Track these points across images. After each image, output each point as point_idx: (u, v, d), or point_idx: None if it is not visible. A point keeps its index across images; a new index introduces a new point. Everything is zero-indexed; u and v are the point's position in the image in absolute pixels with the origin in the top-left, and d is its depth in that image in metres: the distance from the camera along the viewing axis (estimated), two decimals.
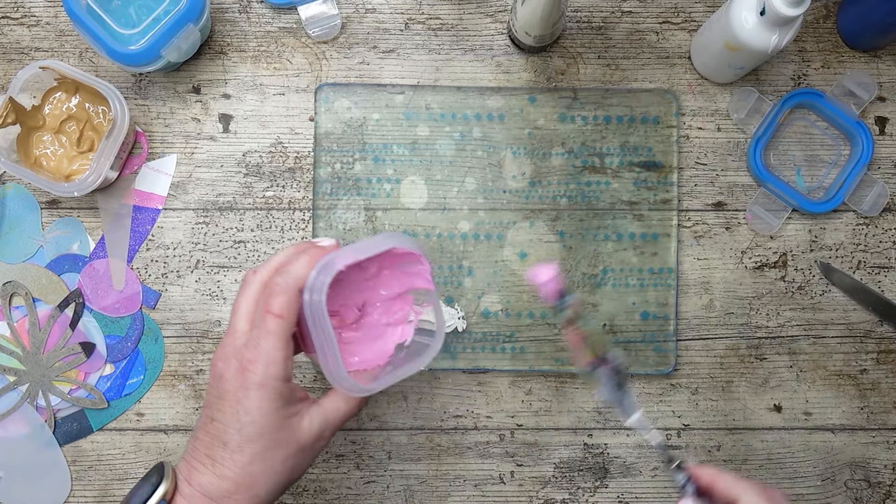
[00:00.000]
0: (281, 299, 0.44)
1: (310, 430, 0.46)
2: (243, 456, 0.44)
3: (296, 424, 0.45)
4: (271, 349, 0.44)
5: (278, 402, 0.44)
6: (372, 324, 0.54)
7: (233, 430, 0.44)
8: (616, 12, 0.66)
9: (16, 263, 0.64)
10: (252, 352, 0.44)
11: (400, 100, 0.64)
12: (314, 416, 0.46)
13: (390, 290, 0.54)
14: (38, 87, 0.61)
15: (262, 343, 0.44)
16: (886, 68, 0.66)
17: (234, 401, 0.44)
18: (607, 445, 0.64)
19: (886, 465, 0.65)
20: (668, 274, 0.64)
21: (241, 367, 0.44)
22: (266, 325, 0.44)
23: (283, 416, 0.45)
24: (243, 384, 0.44)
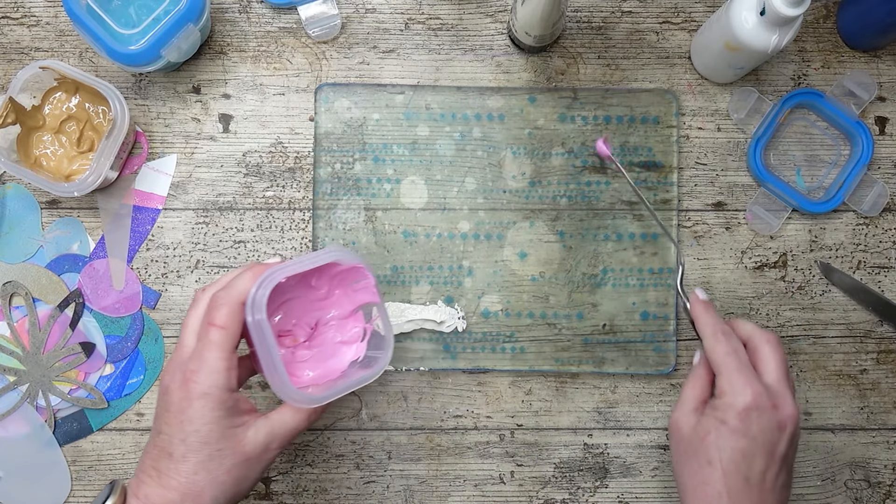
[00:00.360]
0: (223, 311, 0.46)
1: (255, 441, 0.46)
2: (187, 465, 0.45)
3: (241, 435, 0.46)
4: (213, 359, 0.45)
5: (221, 411, 0.45)
6: (326, 342, 0.55)
7: (177, 440, 0.45)
8: (616, 12, 0.66)
9: (16, 263, 0.64)
10: (195, 363, 0.45)
11: (400, 100, 0.64)
12: (260, 428, 0.47)
13: (342, 310, 0.56)
14: (38, 87, 0.61)
15: (205, 354, 0.45)
16: (886, 68, 0.66)
17: (178, 411, 0.45)
18: (607, 445, 0.64)
19: (886, 465, 0.65)
20: (668, 274, 0.64)
21: (184, 378, 0.45)
22: (208, 337, 0.46)
23: (226, 426, 0.45)
24: (187, 395, 0.45)
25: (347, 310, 0.56)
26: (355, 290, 0.55)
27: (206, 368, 0.45)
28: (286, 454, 0.64)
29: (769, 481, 0.49)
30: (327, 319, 0.56)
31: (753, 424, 0.49)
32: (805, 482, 0.65)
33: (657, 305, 0.64)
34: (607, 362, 0.64)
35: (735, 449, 0.49)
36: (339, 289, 0.56)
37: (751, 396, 0.49)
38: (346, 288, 0.55)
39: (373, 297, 0.54)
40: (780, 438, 0.49)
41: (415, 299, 0.64)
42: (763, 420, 0.49)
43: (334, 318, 0.56)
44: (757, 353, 0.52)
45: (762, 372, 0.51)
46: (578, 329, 0.64)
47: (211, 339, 0.46)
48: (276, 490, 0.64)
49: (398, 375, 0.64)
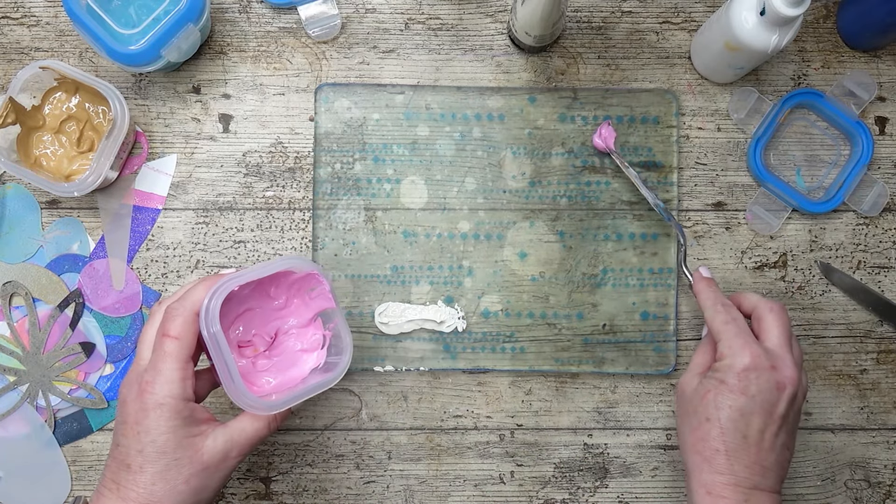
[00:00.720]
0: (177, 322, 0.46)
1: (213, 449, 0.47)
2: (145, 476, 0.45)
3: (199, 444, 0.46)
4: (168, 370, 0.46)
5: (177, 420, 0.46)
6: (286, 351, 0.56)
7: (134, 451, 0.45)
8: (616, 12, 0.66)
9: (16, 263, 0.64)
10: (150, 374, 0.46)
11: (400, 100, 0.64)
12: (218, 436, 0.47)
13: (301, 318, 0.56)
14: (38, 87, 0.61)
15: (160, 365, 0.46)
16: (886, 68, 0.66)
17: (134, 423, 0.46)
18: (607, 445, 0.64)
19: (886, 465, 0.65)
20: (668, 274, 0.64)
21: (140, 389, 0.46)
22: (163, 348, 0.46)
23: (183, 435, 0.46)
24: (143, 406, 0.46)
25: (306, 318, 0.57)
26: (312, 297, 0.56)
27: (162, 379, 0.46)
28: (286, 454, 0.64)
29: (768, 440, 0.50)
30: (287, 328, 0.57)
31: (752, 384, 0.50)
32: (805, 482, 0.65)
33: (657, 305, 0.64)
34: (607, 362, 0.64)
35: (733, 407, 0.50)
36: (298, 297, 0.57)
37: (749, 358, 0.50)
38: (304, 296, 0.56)
39: (328, 303, 0.55)
40: (780, 399, 0.50)
41: (415, 299, 0.64)
42: (762, 380, 0.50)
43: (294, 327, 0.57)
44: (761, 322, 0.53)
45: (764, 339, 0.52)
46: (578, 329, 0.64)
47: (165, 350, 0.46)
48: (276, 490, 0.64)
49: (398, 375, 0.64)
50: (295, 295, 0.56)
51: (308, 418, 0.64)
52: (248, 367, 0.55)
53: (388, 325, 0.63)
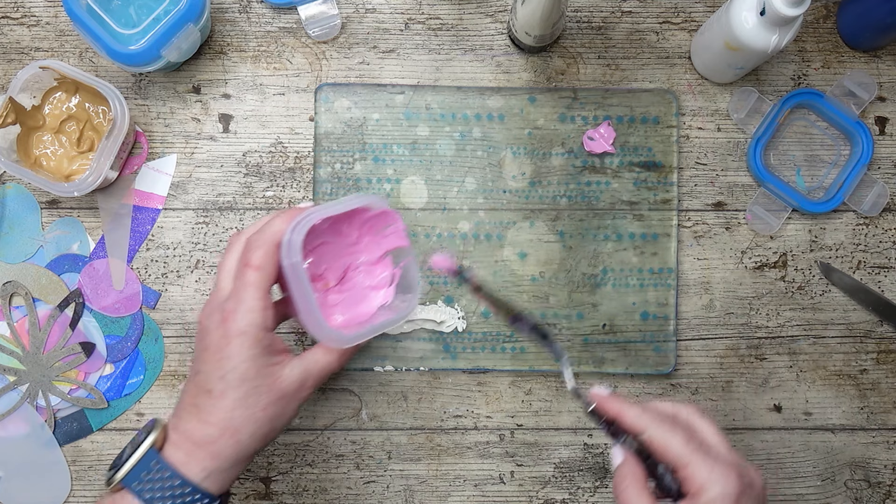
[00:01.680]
0: (258, 253, 0.47)
1: (290, 378, 0.47)
2: (226, 402, 0.46)
3: (277, 372, 0.47)
4: (250, 299, 0.46)
5: (258, 349, 0.46)
6: (355, 287, 0.56)
7: (216, 377, 0.46)
8: (616, 12, 0.66)
9: (16, 263, 0.64)
10: (232, 303, 0.46)
11: (400, 100, 0.64)
12: (295, 366, 0.48)
13: (371, 255, 0.56)
14: (38, 87, 0.61)
15: (242, 294, 0.46)
16: (886, 68, 0.66)
17: (216, 350, 0.46)
18: (607, 445, 0.64)
19: (886, 465, 0.65)
20: (668, 274, 0.64)
21: (223, 318, 0.46)
22: (245, 278, 0.47)
23: (262, 364, 0.46)
24: (225, 333, 0.46)
25: (376, 255, 0.56)
26: (384, 235, 0.55)
27: (244, 308, 0.46)
28: (286, 454, 0.64)
29: None
30: (357, 265, 0.56)
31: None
32: (805, 482, 0.65)
33: (657, 305, 0.64)
34: (607, 362, 0.64)
35: None
36: (369, 235, 0.55)
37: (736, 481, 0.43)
38: (376, 234, 0.55)
39: (401, 241, 0.54)
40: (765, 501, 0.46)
41: None
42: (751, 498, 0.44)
43: (364, 264, 0.56)
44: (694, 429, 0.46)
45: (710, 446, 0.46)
46: (578, 329, 0.64)
47: (247, 280, 0.46)
48: (276, 490, 0.64)
49: (398, 375, 0.64)
50: (367, 232, 0.55)
51: (308, 418, 0.64)
52: (319, 300, 0.54)
53: None
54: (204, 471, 0.45)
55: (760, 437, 0.65)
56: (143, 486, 0.44)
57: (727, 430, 0.65)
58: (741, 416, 0.65)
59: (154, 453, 0.45)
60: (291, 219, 0.48)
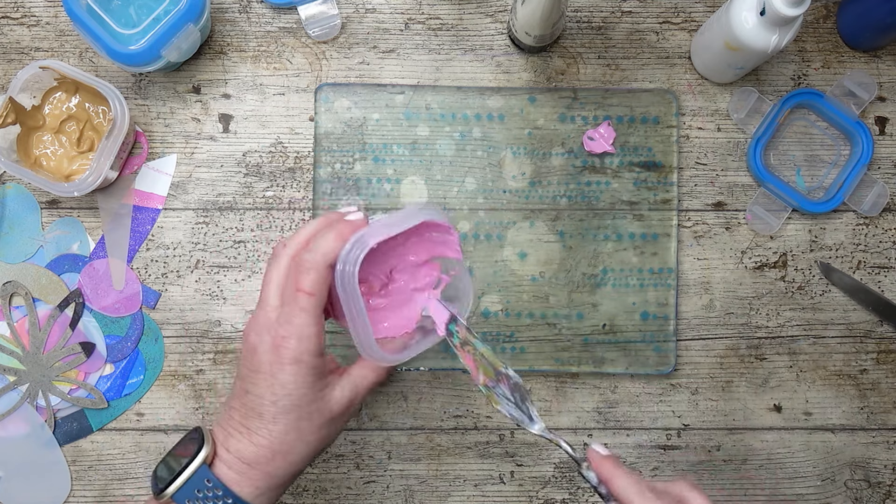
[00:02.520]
0: (312, 276, 0.45)
1: (341, 400, 0.47)
2: (278, 426, 0.45)
3: (328, 395, 0.47)
4: (304, 325, 0.45)
5: (311, 376, 0.46)
6: (399, 290, 0.54)
7: (268, 402, 0.45)
8: (616, 12, 0.66)
9: (16, 263, 0.64)
10: (285, 328, 0.45)
11: (400, 100, 0.64)
12: (345, 386, 0.48)
13: (418, 257, 0.54)
14: (38, 87, 0.61)
15: (295, 320, 0.45)
16: (886, 68, 0.66)
17: (268, 374, 0.45)
18: (607, 445, 0.64)
19: (886, 465, 0.65)
20: (668, 274, 0.64)
21: (274, 343, 0.45)
22: (298, 303, 0.45)
23: (316, 390, 0.46)
24: (278, 359, 0.45)
25: (422, 258, 0.54)
26: (433, 241, 0.53)
27: (297, 335, 0.45)
28: None
29: None
30: (402, 267, 0.54)
31: None
32: (805, 482, 0.65)
33: (657, 305, 0.64)
34: (607, 362, 0.64)
35: None
36: (416, 236, 0.53)
37: None
38: (422, 236, 0.53)
39: (455, 254, 0.53)
40: None
41: None
42: None
43: (409, 266, 0.54)
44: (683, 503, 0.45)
45: None
46: (578, 329, 0.64)
47: (301, 306, 0.45)
48: None
49: (398, 375, 0.64)
50: (413, 234, 0.53)
51: None
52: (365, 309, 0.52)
53: None
54: (256, 490, 0.45)
55: (760, 437, 0.65)
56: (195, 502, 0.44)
57: (727, 430, 0.65)
58: (741, 416, 0.65)
59: (206, 470, 0.44)
60: (341, 236, 0.46)
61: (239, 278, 0.64)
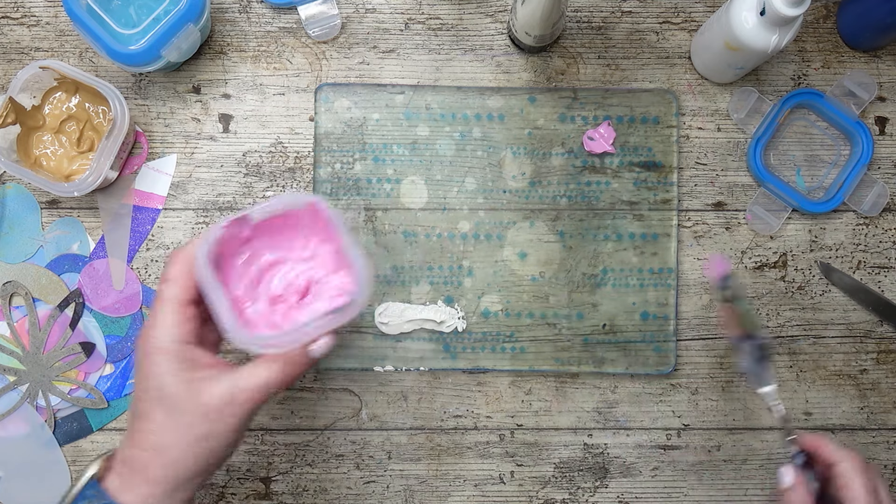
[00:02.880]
0: (174, 267, 0.46)
1: (216, 393, 0.44)
2: (151, 423, 0.44)
3: (202, 388, 0.44)
4: (166, 313, 0.45)
5: (176, 363, 0.44)
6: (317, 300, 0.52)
7: (142, 398, 0.45)
8: (616, 12, 0.66)
9: (16, 263, 0.64)
10: (150, 320, 0.46)
11: (400, 100, 0.64)
12: (223, 380, 0.45)
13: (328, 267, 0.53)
14: (38, 87, 0.61)
15: (157, 309, 0.45)
16: (886, 68, 0.66)
17: (139, 369, 0.45)
18: (607, 445, 0.64)
19: (886, 465, 0.65)
20: (668, 274, 0.64)
21: (143, 336, 0.45)
22: (160, 294, 0.46)
23: (185, 379, 0.44)
24: (145, 351, 0.45)
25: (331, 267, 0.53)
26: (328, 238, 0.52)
27: (159, 323, 0.45)
28: (286, 454, 0.64)
29: None
30: (318, 278, 0.53)
31: None
32: None
33: (657, 305, 0.64)
34: (607, 362, 0.64)
35: None
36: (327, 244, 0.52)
37: None
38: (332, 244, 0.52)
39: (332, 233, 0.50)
40: None
41: (415, 299, 0.64)
42: None
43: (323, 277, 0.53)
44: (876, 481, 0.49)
45: None
46: (578, 329, 0.64)
47: (162, 295, 0.46)
48: (276, 490, 0.64)
49: (398, 375, 0.64)
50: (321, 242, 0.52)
51: (308, 418, 0.64)
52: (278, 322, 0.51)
53: (388, 325, 0.63)
54: (139, 497, 0.43)
55: (760, 437, 0.65)
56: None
57: (727, 430, 0.65)
58: (741, 416, 0.65)
59: (94, 483, 0.44)
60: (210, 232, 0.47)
61: None
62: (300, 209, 0.50)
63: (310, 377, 0.64)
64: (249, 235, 0.51)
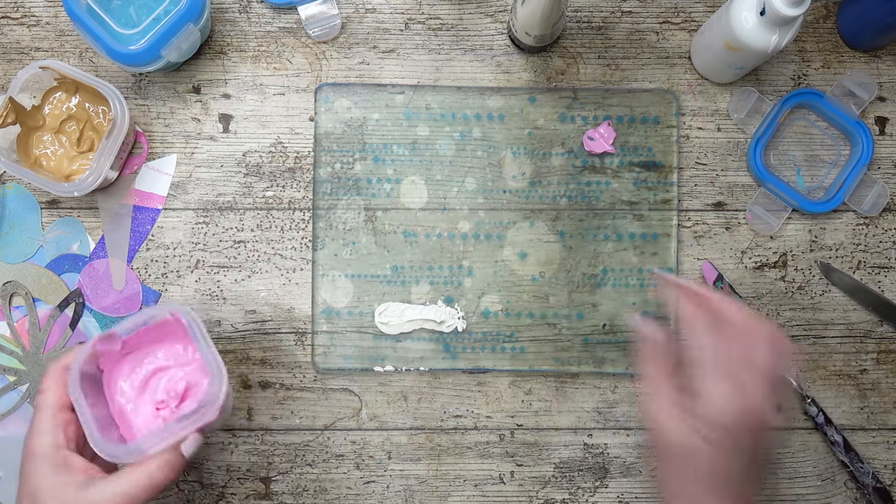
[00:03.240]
0: (48, 378, 0.50)
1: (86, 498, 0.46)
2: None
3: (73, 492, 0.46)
4: (42, 420, 0.48)
5: (47, 468, 0.46)
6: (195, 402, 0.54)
7: (21, 500, 0.47)
8: (616, 12, 0.66)
9: (16, 263, 0.64)
10: (29, 428, 0.49)
11: (400, 100, 0.64)
12: (105, 487, 0.46)
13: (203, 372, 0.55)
14: (38, 87, 0.61)
15: (34, 418, 0.49)
16: (886, 68, 0.66)
17: (20, 473, 0.48)
18: (607, 445, 0.64)
19: (886, 465, 0.65)
20: (668, 274, 0.64)
21: (25, 442, 0.49)
22: (38, 402, 0.49)
23: (56, 483, 0.46)
24: (24, 455, 0.48)
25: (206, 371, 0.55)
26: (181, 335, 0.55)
27: (34, 430, 0.48)
28: (286, 454, 0.64)
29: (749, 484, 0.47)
30: (196, 381, 0.55)
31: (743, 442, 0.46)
32: (805, 482, 0.65)
33: (657, 305, 0.64)
34: (607, 362, 0.64)
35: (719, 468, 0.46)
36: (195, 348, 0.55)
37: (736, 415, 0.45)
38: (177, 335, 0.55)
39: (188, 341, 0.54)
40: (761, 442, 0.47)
41: (415, 299, 0.64)
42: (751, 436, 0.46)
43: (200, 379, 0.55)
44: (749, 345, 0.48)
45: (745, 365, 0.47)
46: (578, 329, 0.64)
47: (38, 404, 0.49)
48: (276, 490, 0.64)
49: (398, 375, 0.64)
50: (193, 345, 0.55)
51: (308, 418, 0.64)
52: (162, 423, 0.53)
53: (388, 325, 0.63)
54: None
55: None
56: None
57: None
58: None
59: None
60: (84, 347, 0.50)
61: (239, 278, 0.64)
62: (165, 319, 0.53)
63: (310, 377, 0.64)
64: (128, 348, 0.54)
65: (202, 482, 0.64)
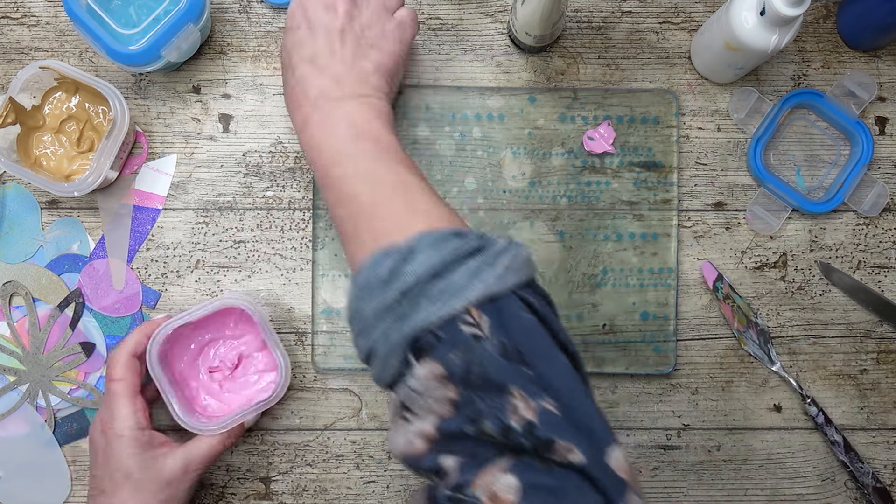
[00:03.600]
0: (118, 367, 0.55)
1: (173, 467, 0.55)
2: (118, 498, 0.53)
3: (160, 464, 0.55)
4: (119, 407, 0.55)
5: (136, 447, 0.54)
6: (247, 373, 0.63)
7: (106, 479, 0.54)
8: (616, 12, 0.66)
9: (16, 263, 0.64)
10: (106, 413, 0.55)
11: (400, 100, 0.64)
12: (177, 455, 0.55)
13: (251, 345, 0.63)
14: (38, 87, 0.61)
15: (112, 404, 0.55)
16: (886, 68, 0.66)
17: (102, 454, 0.55)
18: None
19: (886, 465, 0.65)
20: (668, 274, 0.64)
21: (101, 427, 0.55)
22: (111, 390, 0.55)
23: (144, 459, 0.54)
24: (106, 440, 0.55)
25: (256, 344, 0.63)
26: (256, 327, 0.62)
27: (116, 415, 0.54)
28: (286, 454, 0.64)
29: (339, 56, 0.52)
30: (248, 353, 0.63)
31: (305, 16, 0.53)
32: (805, 482, 0.65)
33: (657, 305, 0.64)
34: (607, 362, 0.64)
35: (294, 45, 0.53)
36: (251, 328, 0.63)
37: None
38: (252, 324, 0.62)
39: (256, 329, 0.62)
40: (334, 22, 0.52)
41: None
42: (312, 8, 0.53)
43: (252, 352, 0.63)
44: None
45: None
46: (578, 329, 0.64)
47: (113, 391, 0.55)
48: (276, 490, 0.64)
49: None
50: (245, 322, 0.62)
51: (308, 418, 0.64)
52: (216, 389, 0.62)
53: None
54: None
55: (760, 437, 0.65)
56: None
57: (727, 430, 0.65)
58: (741, 416, 0.65)
59: None
60: (143, 331, 0.57)
61: (239, 278, 0.64)
62: None
63: (310, 377, 0.64)
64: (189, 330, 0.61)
65: (202, 482, 0.64)
